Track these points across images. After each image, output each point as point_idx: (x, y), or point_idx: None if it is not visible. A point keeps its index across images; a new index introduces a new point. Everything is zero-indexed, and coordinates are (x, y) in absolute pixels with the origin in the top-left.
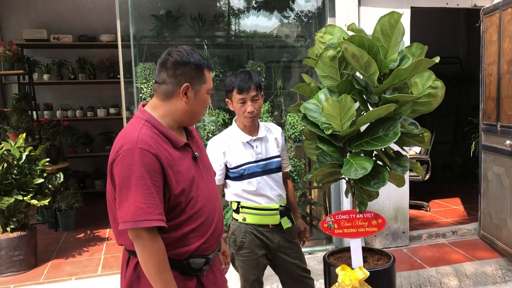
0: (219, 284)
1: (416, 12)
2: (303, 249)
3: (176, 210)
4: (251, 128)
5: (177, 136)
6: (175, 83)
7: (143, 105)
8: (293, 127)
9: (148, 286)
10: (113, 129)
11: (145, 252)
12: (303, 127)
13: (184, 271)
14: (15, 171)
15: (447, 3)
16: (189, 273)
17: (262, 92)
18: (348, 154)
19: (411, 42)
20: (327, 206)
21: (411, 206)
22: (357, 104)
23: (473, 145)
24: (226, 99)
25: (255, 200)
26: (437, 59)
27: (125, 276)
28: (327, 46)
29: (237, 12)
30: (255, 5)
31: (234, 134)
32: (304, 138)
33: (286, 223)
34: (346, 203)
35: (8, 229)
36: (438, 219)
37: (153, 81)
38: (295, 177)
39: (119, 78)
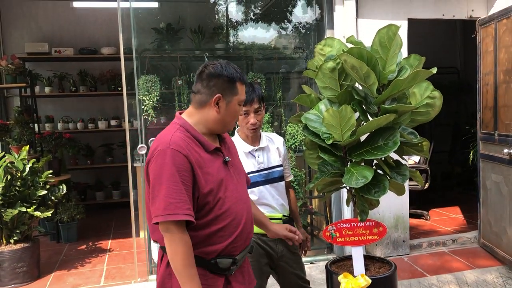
0: (246, 285)
1: (413, 23)
2: (304, 259)
3: (205, 209)
4: (253, 138)
5: (208, 141)
6: (208, 93)
7: (180, 113)
8: (294, 137)
9: (178, 283)
10: (114, 141)
11: (173, 245)
12: (304, 137)
13: (212, 270)
14: (18, 183)
15: (443, 15)
16: (217, 272)
17: (264, 104)
18: (348, 163)
19: (408, 53)
20: (328, 215)
21: (411, 215)
22: (357, 114)
23: (471, 154)
24: None
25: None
26: (434, 70)
27: (159, 273)
28: (326, 58)
29: (236, 24)
30: (254, 18)
31: (236, 144)
32: (305, 148)
33: None
34: (347, 213)
35: (12, 240)
36: (438, 227)
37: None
38: (296, 187)
39: (120, 90)
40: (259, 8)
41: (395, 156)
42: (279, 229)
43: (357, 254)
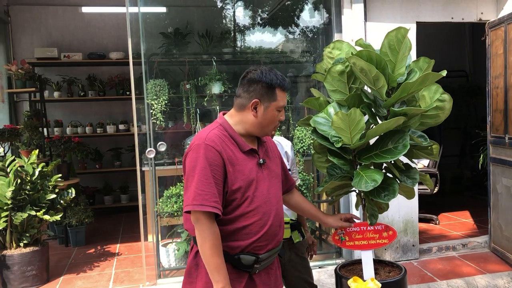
0: (272, 286)
1: (421, 26)
2: (313, 263)
3: (232, 205)
4: None
5: (245, 142)
6: (247, 97)
7: (223, 113)
8: (301, 141)
9: (204, 273)
10: (122, 145)
11: (202, 235)
12: (312, 140)
13: (235, 265)
14: (28, 187)
15: (452, 18)
16: (241, 268)
17: None
18: (358, 166)
19: (417, 56)
20: None
21: (420, 220)
22: (366, 118)
23: (481, 157)
24: None
25: None
26: (444, 73)
27: (188, 262)
28: (335, 61)
29: (244, 28)
30: (261, 22)
31: None
32: (313, 151)
33: (296, 237)
34: None
35: (21, 244)
36: (448, 232)
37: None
38: (304, 191)
39: (128, 95)
40: (267, 12)
41: (404, 160)
42: (334, 222)
43: (367, 258)
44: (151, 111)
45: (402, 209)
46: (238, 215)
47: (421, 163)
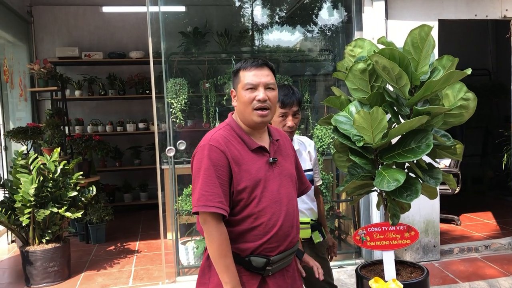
0: None
1: (443, 24)
2: (332, 263)
3: (239, 206)
4: None
5: (252, 140)
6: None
7: (232, 113)
8: (321, 140)
9: (216, 275)
10: (142, 143)
11: (209, 236)
12: (331, 140)
13: (247, 267)
14: (50, 184)
15: (476, 15)
16: (252, 270)
17: (300, 108)
18: (379, 166)
19: (439, 55)
20: (356, 219)
21: (441, 220)
22: (388, 116)
23: (505, 157)
24: None
25: None
26: (468, 71)
27: (202, 263)
28: (357, 59)
29: (262, 27)
30: (280, 21)
31: None
32: (334, 150)
33: (317, 237)
34: (376, 217)
35: (44, 240)
36: (470, 233)
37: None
38: (324, 190)
39: (148, 94)
40: (285, 11)
41: (427, 159)
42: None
43: (388, 259)
44: (171, 109)
45: (423, 210)
46: (246, 215)
47: (443, 163)
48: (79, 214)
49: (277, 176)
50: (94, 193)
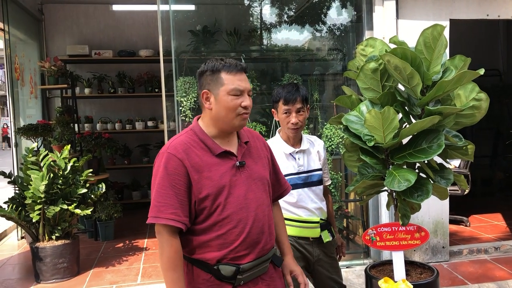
0: None
1: (454, 24)
2: (341, 263)
3: (203, 214)
4: (295, 140)
5: (217, 144)
6: (200, 93)
7: (197, 118)
8: (330, 140)
9: (193, 283)
10: (150, 141)
11: (160, 248)
12: (340, 139)
13: (217, 276)
14: (60, 181)
15: (487, 15)
16: (223, 280)
17: (308, 106)
18: (390, 166)
19: (450, 55)
20: (365, 219)
21: (450, 221)
22: (399, 116)
23: None
24: (272, 109)
25: (295, 212)
26: (481, 71)
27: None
28: (368, 58)
29: (271, 26)
30: (289, 20)
31: (277, 145)
32: (344, 150)
33: (326, 237)
34: (385, 217)
35: (53, 237)
36: (479, 234)
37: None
38: (333, 190)
39: (157, 92)
40: (294, 10)
41: (438, 160)
42: (284, 268)
43: (398, 259)
44: (180, 108)
45: (432, 210)
46: (211, 224)
47: (452, 164)
48: (88, 211)
49: (244, 180)
50: (103, 190)
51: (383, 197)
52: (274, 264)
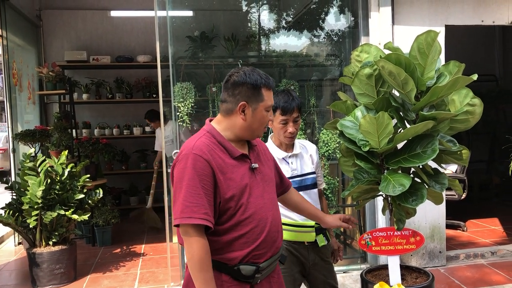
0: None
1: (450, 29)
2: (338, 268)
3: (227, 215)
4: (287, 146)
5: (235, 147)
6: (234, 101)
7: (210, 120)
8: (327, 145)
9: None
10: (148, 147)
11: (190, 249)
12: (337, 144)
13: (236, 277)
14: (57, 186)
15: (482, 21)
16: (241, 280)
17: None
18: (385, 171)
19: (445, 60)
20: (362, 224)
21: (447, 226)
22: (394, 121)
23: (511, 163)
24: None
25: (290, 216)
26: (475, 77)
27: (185, 275)
28: (363, 64)
29: (269, 32)
30: (287, 26)
31: (270, 150)
32: (340, 155)
33: (321, 241)
34: (381, 221)
35: (50, 242)
36: (476, 239)
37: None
38: (329, 195)
39: (155, 98)
40: (292, 16)
41: (433, 165)
42: (333, 221)
43: (393, 264)
44: (178, 113)
45: (429, 215)
46: (234, 224)
47: (449, 169)
48: (85, 217)
49: (259, 182)
50: (101, 196)
51: (380, 201)
52: (280, 261)
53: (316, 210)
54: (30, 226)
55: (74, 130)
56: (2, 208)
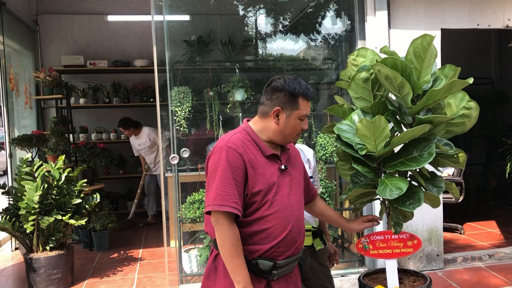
0: None
1: (446, 33)
2: (336, 272)
3: (252, 208)
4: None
5: (267, 146)
6: (270, 105)
7: (247, 120)
8: (324, 149)
9: (222, 277)
10: None
11: (221, 236)
12: (334, 148)
13: (253, 271)
14: (54, 191)
15: (478, 24)
16: (258, 274)
17: None
18: (382, 174)
19: (442, 64)
20: None
21: (445, 229)
22: (390, 125)
23: (508, 166)
24: None
25: None
26: (470, 80)
27: (207, 265)
28: (359, 68)
29: (266, 36)
30: (284, 30)
31: None
32: (337, 158)
33: (318, 245)
34: (379, 225)
35: (47, 247)
36: (473, 242)
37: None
38: (327, 199)
39: (152, 102)
40: (289, 20)
41: (430, 168)
42: (358, 225)
43: (391, 267)
44: (175, 117)
45: (426, 218)
46: (257, 218)
47: (446, 172)
48: (82, 222)
49: (287, 183)
50: (98, 200)
51: (378, 205)
52: (299, 264)
53: (340, 217)
54: (27, 231)
55: (71, 135)
56: None
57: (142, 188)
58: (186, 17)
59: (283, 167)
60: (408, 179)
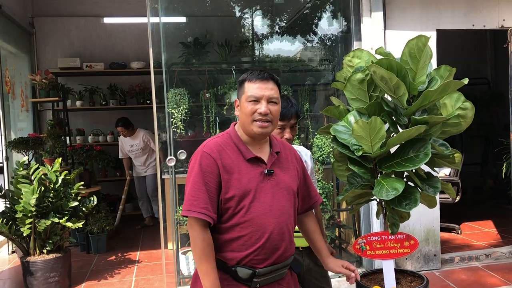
0: None
1: (442, 34)
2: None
3: (227, 214)
4: None
5: (249, 150)
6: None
7: (235, 124)
8: (321, 149)
9: None
10: None
11: (192, 240)
12: (331, 149)
13: (234, 277)
14: (51, 194)
15: (473, 25)
16: (239, 281)
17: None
18: (378, 175)
19: (437, 64)
20: (356, 228)
21: (442, 229)
22: (386, 126)
23: (504, 166)
24: None
25: None
26: (465, 81)
27: (195, 271)
28: (355, 69)
29: (262, 37)
30: (280, 31)
31: None
32: (333, 159)
33: None
34: (376, 225)
35: (45, 251)
36: (470, 242)
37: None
38: (324, 199)
39: (149, 104)
40: (285, 21)
41: (426, 168)
42: (333, 266)
43: (388, 268)
44: (172, 119)
45: (423, 218)
46: (233, 224)
47: (443, 172)
48: (80, 224)
49: (270, 188)
50: (95, 203)
51: (374, 206)
52: (292, 270)
53: (323, 247)
54: (24, 235)
55: (67, 137)
56: None
57: (127, 193)
58: (182, 19)
59: (266, 171)
60: (404, 179)
